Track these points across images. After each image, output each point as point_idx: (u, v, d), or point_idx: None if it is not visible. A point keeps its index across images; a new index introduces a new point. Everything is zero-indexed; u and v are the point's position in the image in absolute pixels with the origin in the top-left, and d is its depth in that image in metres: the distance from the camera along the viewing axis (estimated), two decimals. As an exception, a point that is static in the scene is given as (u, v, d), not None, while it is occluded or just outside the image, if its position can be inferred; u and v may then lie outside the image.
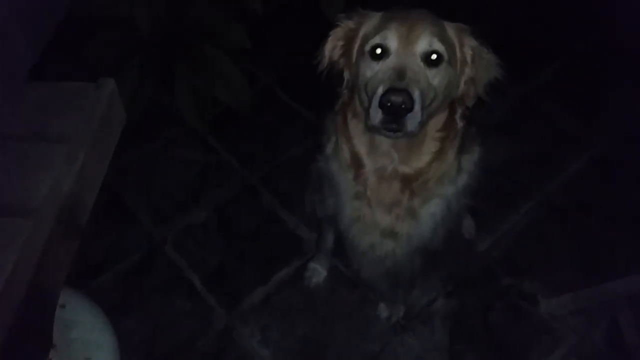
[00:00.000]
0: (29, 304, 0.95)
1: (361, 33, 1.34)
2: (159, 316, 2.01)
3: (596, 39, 2.91)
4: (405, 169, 1.39)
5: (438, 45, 1.22)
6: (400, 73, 1.18)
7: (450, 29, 1.31)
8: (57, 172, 1.09)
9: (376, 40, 1.24)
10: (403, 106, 1.14)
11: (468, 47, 1.31)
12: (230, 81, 2.28)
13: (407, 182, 1.41)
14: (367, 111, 1.23)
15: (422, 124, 1.22)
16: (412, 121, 1.17)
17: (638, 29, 2.78)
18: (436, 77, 1.23)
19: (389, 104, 1.14)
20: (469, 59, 1.31)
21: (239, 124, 2.57)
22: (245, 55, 2.42)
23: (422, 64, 1.22)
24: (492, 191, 2.23)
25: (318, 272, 2.11)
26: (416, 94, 1.15)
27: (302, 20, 2.69)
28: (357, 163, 1.43)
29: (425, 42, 1.22)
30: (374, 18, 1.33)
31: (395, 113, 1.15)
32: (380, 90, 1.16)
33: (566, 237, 2.22)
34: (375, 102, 1.16)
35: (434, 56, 1.22)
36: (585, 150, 2.51)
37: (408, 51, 1.22)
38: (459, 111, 1.37)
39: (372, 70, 1.25)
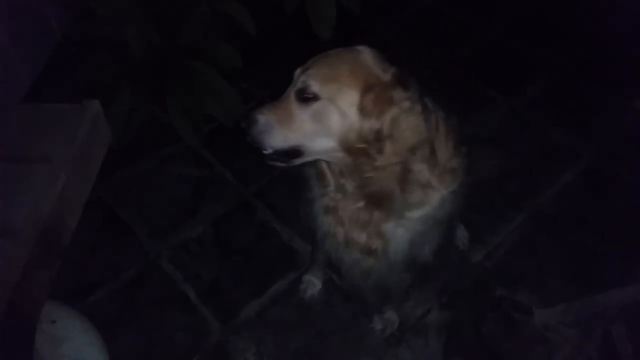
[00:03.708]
0: (7, 324, 0.96)
1: None
2: (154, 331, 2.02)
3: (584, 53, 2.95)
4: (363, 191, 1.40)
5: (315, 87, 1.27)
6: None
7: (368, 83, 1.25)
8: (38, 193, 1.10)
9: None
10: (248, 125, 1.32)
11: (388, 108, 1.24)
12: (222, 98, 2.31)
13: (371, 202, 1.41)
14: None
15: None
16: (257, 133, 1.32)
17: (623, 44, 2.87)
18: (305, 113, 1.29)
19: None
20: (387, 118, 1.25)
21: (234, 138, 2.57)
22: (240, 73, 2.45)
23: (292, 97, 1.31)
24: (484, 203, 2.25)
25: (313, 284, 2.11)
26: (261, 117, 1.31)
27: (295, 39, 2.72)
28: (322, 179, 1.46)
29: (300, 80, 1.30)
30: None
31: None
32: None
33: (558, 248, 2.22)
34: None
35: (305, 95, 1.28)
36: (575, 162, 2.51)
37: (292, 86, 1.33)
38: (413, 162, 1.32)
39: None
